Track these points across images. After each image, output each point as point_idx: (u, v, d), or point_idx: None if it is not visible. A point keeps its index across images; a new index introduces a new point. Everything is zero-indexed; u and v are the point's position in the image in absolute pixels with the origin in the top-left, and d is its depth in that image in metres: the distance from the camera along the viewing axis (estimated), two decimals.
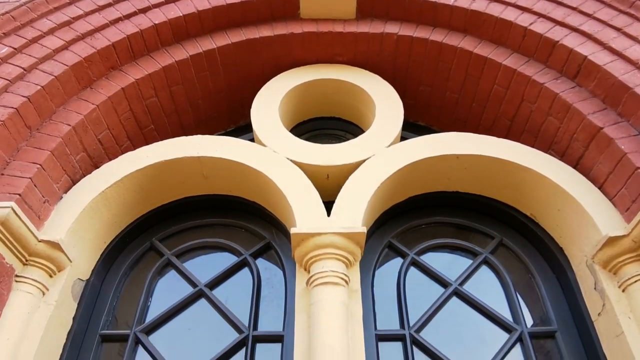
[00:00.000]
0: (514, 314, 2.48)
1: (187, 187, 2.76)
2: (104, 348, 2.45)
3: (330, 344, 1.95)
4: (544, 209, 2.57)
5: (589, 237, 2.31)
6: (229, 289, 2.65)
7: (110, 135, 2.74)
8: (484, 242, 2.77)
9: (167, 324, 2.52)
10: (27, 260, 2.22)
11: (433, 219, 2.85)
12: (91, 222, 2.47)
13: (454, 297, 2.56)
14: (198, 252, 2.84)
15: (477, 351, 2.40)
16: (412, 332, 2.37)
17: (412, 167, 2.55)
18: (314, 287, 2.17)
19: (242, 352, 2.35)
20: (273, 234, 2.78)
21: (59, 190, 2.45)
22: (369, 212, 2.45)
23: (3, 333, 2.01)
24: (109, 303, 2.54)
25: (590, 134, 2.43)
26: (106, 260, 2.63)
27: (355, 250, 2.30)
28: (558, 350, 2.35)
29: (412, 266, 2.70)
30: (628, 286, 2.14)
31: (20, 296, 2.13)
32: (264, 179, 2.53)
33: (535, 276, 2.60)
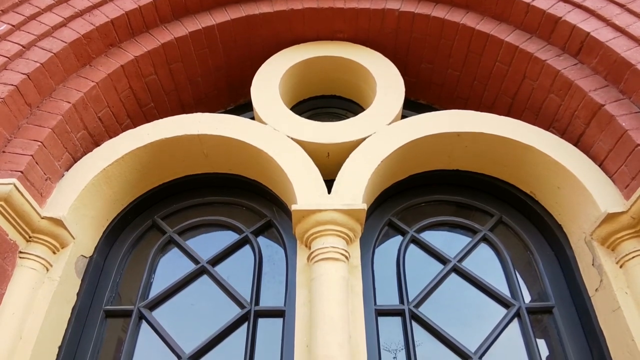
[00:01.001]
0: (512, 290, 2.51)
1: (188, 165, 2.77)
2: (108, 323, 2.49)
3: (330, 317, 1.98)
4: (544, 187, 2.58)
5: (588, 214, 2.33)
6: (231, 266, 2.68)
7: (111, 113, 2.73)
8: (484, 220, 2.79)
9: (170, 299, 2.56)
10: (30, 237, 2.24)
11: (433, 197, 2.86)
12: (93, 200, 2.48)
13: (453, 274, 2.59)
14: (200, 230, 2.86)
15: (476, 326, 2.44)
16: (411, 307, 2.41)
17: (413, 145, 2.55)
18: (314, 263, 2.19)
19: (245, 327, 2.39)
20: (274, 212, 2.79)
21: (61, 168, 2.46)
22: (369, 189, 2.46)
23: (8, 308, 2.04)
24: (112, 280, 2.57)
25: (592, 111, 2.42)
26: (109, 238, 2.65)
27: (355, 227, 2.31)
28: (555, 325, 2.38)
29: (412, 243, 2.73)
30: (626, 262, 2.17)
31: (24, 272, 2.15)
32: (264, 156, 2.53)
33: (534, 253, 2.62)
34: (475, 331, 2.41)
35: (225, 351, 2.35)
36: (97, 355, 2.37)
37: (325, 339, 1.92)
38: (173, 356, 2.30)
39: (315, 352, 1.92)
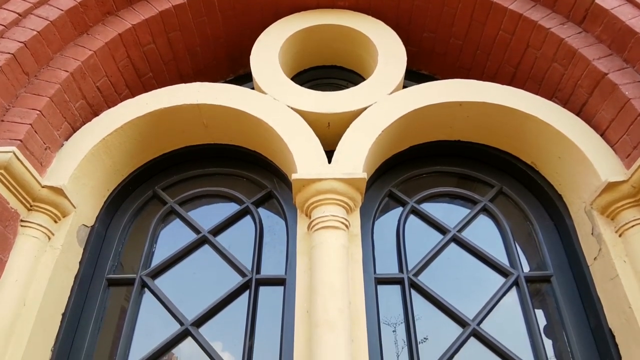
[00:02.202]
0: (511, 260, 2.53)
1: (188, 135, 2.76)
2: (111, 292, 2.51)
3: (330, 283, 2.00)
4: (545, 157, 2.57)
5: (588, 184, 2.33)
6: (232, 236, 2.69)
7: (109, 82, 2.71)
8: (484, 191, 2.79)
9: (172, 268, 2.58)
10: (31, 206, 2.25)
11: (434, 169, 2.86)
12: (93, 170, 2.48)
13: (452, 244, 2.61)
14: (200, 201, 2.87)
15: (474, 295, 2.46)
16: (410, 275, 2.43)
17: (415, 115, 2.53)
18: (315, 231, 2.20)
19: (246, 295, 2.42)
20: (274, 183, 2.79)
21: (60, 138, 2.45)
22: (369, 159, 2.45)
23: (11, 275, 2.06)
24: (114, 249, 2.59)
25: (595, 80, 2.40)
26: (110, 208, 2.66)
27: (355, 196, 2.31)
28: (553, 294, 2.41)
29: (412, 214, 2.74)
30: (625, 231, 2.18)
31: (26, 240, 2.17)
32: (264, 126, 2.51)
33: (534, 223, 2.63)
34: (473, 300, 2.43)
35: (227, 318, 2.38)
36: (100, 322, 2.40)
37: (325, 304, 1.95)
38: (176, 323, 2.33)
39: (315, 318, 1.94)
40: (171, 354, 2.47)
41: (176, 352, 2.38)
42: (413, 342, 2.22)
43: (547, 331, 2.40)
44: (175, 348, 2.36)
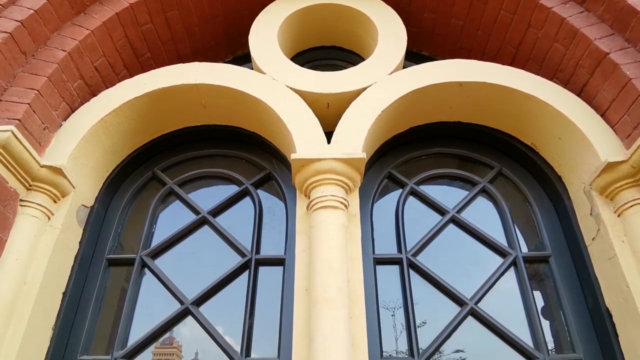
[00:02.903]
0: (509, 241, 2.54)
1: (186, 116, 2.74)
2: (111, 272, 2.53)
3: (329, 262, 2.00)
4: (545, 138, 2.56)
5: (588, 164, 2.33)
6: (231, 217, 2.70)
7: (107, 62, 2.69)
8: (484, 173, 2.79)
9: (171, 249, 2.59)
10: (30, 185, 2.24)
11: (433, 150, 2.85)
12: (92, 150, 2.48)
13: (451, 224, 2.62)
14: (200, 182, 2.87)
15: (473, 275, 2.47)
16: (409, 256, 2.44)
17: (415, 95, 2.52)
18: (314, 211, 2.20)
19: (246, 275, 2.43)
20: (273, 164, 2.78)
21: (58, 118, 2.44)
22: (369, 140, 2.44)
23: (11, 254, 2.07)
24: (114, 230, 2.60)
25: (596, 59, 2.38)
26: (109, 189, 2.66)
27: (354, 177, 2.31)
28: (551, 274, 2.42)
29: (411, 195, 2.74)
30: (624, 211, 2.18)
31: (26, 220, 2.17)
32: (263, 106, 2.50)
33: (533, 204, 2.64)
34: (472, 280, 2.44)
35: (227, 297, 2.40)
36: (101, 302, 2.42)
37: (324, 282, 1.96)
38: (176, 302, 2.35)
39: (314, 295, 1.95)
40: (172, 338, 2.49)
41: (177, 336, 2.41)
42: (411, 322, 2.24)
43: (545, 312, 2.42)
44: (175, 331, 2.39)
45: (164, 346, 15.05)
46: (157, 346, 2.44)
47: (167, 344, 16.36)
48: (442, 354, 2.24)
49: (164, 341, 10.69)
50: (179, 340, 8.78)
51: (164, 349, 16.24)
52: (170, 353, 18.92)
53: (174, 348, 18.73)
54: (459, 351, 2.27)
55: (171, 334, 4.01)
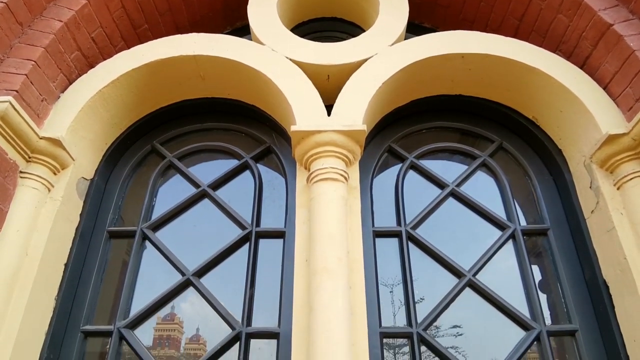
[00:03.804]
0: (508, 214, 2.55)
1: (185, 88, 2.71)
2: (112, 244, 2.54)
3: (329, 233, 2.01)
4: (547, 111, 2.55)
5: (589, 137, 2.32)
6: (231, 191, 2.70)
7: (104, 34, 2.65)
8: (485, 147, 2.78)
9: (172, 222, 2.61)
10: (30, 157, 2.24)
11: (434, 124, 2.83)
12: (90, 122, 2.46)
13: (451, 198, 2.62)
14: (199, 156, 2.86)
15: (471, 248, 2.49)
16: (408, 229, 2.45)
17: (416, 67, 2.49)
18: (314, 184, 2.20)
19: (246, 247, 2.44)
20: (273, 138, 2.77)
21: (56, 90, 2.42)
22: (370, 112, 2.43)
23: (12, 225, 2.08)
24: (114, 202, 2.61)
25: (600, 31, 2.35)
26: (109, 161, 2.66)
27: (355, 149, 2.30)
28: (549, 247, 2.44)
29: (411, 169, 2.73)
30: (623, 184, 2.18)
31: (26, 191, 2.18)
32: (262, 78, 2.47)
33: (532, 178, 2.64)
34: (470, 253, 2.46)
35: (228, 269, 2.42)
36: (102, 274, 2.44)
37: (324, 253, 1.97)
38: (177, 273, 2.37)
39: (314, 266, 1.97)
40: (173, 314, 2.53)
41: (178, 312, 2.44)
42: (409, 293, 2.27)
43: (542, 285, 2.45)
44: (177, 307, 2.41)
45: (165, 322, 15.37)
46: (159, 322, 2.48)
47: (169, 320, 16.73)
48: (440, 324, 2.27)
49: (165, 317, 10.84)
50: (180, 317, 8.93)
51: (165, 325, 16.60)
52: (172, 329, 19.32)
53: (175, 324, 19.14)
54: (456, 322, 2.30)
55: (172, 311, 4.07)
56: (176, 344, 3.80)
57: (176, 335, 3.18)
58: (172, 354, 2.87)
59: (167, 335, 5.32)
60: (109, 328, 2.25)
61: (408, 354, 2.18)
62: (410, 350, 2.15)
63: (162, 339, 3.03)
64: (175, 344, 3.79)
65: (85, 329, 2.25)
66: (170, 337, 5.50)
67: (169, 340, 4.74)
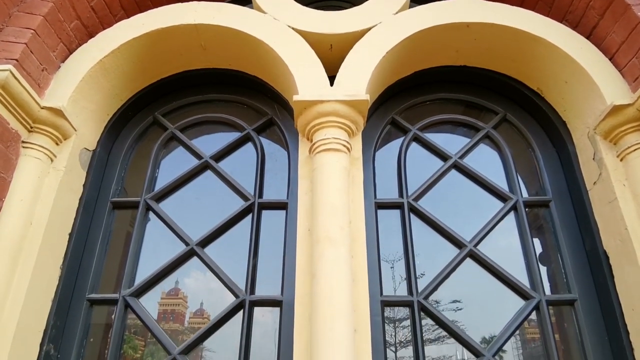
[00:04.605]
0: (511, 186, 2.55)
1: (186, 59, 2.69)
2: (116, 215, 2.56)
3: (331, 203, 2.02)
4: (552, 82, 2.52)
5: (593, 108, 2.30)
6: (233, 163, 2.70)
7: (103, 2, 2.60)
8: (488, 119, 2.76)
9: (175, 193, 2.62)
10: (31, 127, 2.23)
11: (437, 96, 2.81)
12: (91, 92, 2.45)
13: (453, 170, 2.62)
14: (201, 128, 2.85)
15: (473, 219, 2.50)
16: (410, 200, 2.46)
17: (420, 36, 2.45)
18: (316, 154, 2.19)
19: (249, 218, 2.46)
20: (275, 109, 2.76)
21: (56, 59, 2.40)
22: (373, 82, 2.40)
23: (16, 194, 2.09)
24: (117, 174, 2.61)
25: (607, 0, 2.31)
26: (111, 133, 2.65)
27: (357, 119, 2.29)
28: (551, 218, 2.45)
29: (414, 141, 2.72)
30: (627, 155, 2.17)
31: (28, 161, 2.18)
32: (264, 47, 2.44)
33: (536, 150, 2.63)
34: (472, 224, 2.47)
35: (231, 239, 2.44)
36: (107, 245, 2.46)
37: (326, 222, 1.98)
38: (181, 244, 2.39)
39: (316, 235, 1.98)
40: (177, 289, 2.56)
41: (182, 287, 2.47)
42: (411, 264, 2.28)
43: (543, 257, 2.47)
44: (180, 282, 2.44)
45: (169, 296, 15.61)
46: (163, 297, 2.51)
47: (173, 294, 16.99)
48: (441, 293, 2.30)
49: (169, 292, 11.04)
50: (184, 291, 9.12)
51: (169, 300, 16.84)
52: (176, 303, 19.73)
53: (179, 299, 19.50)
54: (457, 291, 2.33)
55: (176, 285, 4.13)
56: (180, 318, 3.86)
57: (180, 310, 3.22)
58: (176, 328, 2.91)
59: (171, 309, 5.34)
60: (114, 296, 2.28)
61: (409, 322, 2.21)
62: (410, 319, 2.18)
63: (167, 313, 3.07)
64: (180, 318, 3.83)
65: (90, 297, 2.28)
66: (174, 311, 5.51)
67: (173, 314, 4.76)
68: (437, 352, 2.28)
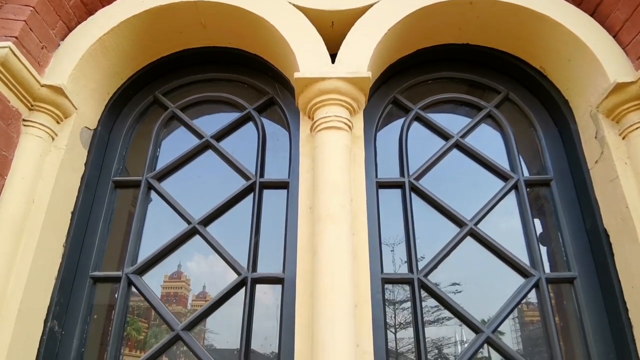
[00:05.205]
0: (512, 165, 2.55)
1: (186, 37, 2.66)
2: (118, 195, 2.57)
3: (333, 181, 2.02)
4: (555, 60, 2.50)
5: (596, 86, 2.29)
6: (234, 142, 2.70)
7: None
8: (491, 98, 2.75)
9: (176, 172, 2.62)
10: (32, 105, 2.23)
11: (440, 74, 2.79)
12: (91, 71, 2.44)
13: (455, 149, 2.62)
14: (201, 107, 2.84)
15: (474, 198, 2.50)
16: (411, 179, 2.46)
17: (423, 13, 2.42)
18: (317, 132, 2.19)
19: (250, 198, 2.46)
20: (276, 89, 2.74)
21: (56, 37, 2.38)
22: (375, 60, 2.38)
23: (18, 172, 2.09)
24: (119, 153, 2.61)
25: None
26: (111, 112, 2.64)
27: (359, 97, 2.28)
28: (552, 197, 2.45)
29: (416, 121, 2.71)
30: (629, 133, 2.17)
31: (30, 139, 2.18)
32: (264, 24, 2.42)
33: (538, 129, 2.62)
34: (473, 203, 2.47)
35: (233, 218, 2.45)
36: (109, 224, 2.47)
37: (328, 200, 1.98)
38: (183, 222, 2.40)
39: (318, 213, 1.99)
40: (180, 272, 2.57)
41: (185, 270, 2.48)
42: (411, 242, 2.30)
43: (543, 237, 2.48)
44: (183, 266, 2.46)
45: (172, 280, 15.68)
46: (166, 280, 2.53)
47: (176, 278, 16.97)
48: (441, 272, 2.31)
49: (172, 275, 11.08)
50: (187, 274, 9.17)
51: (172, 282, 16.81)
52: (178, 286, 19.70)
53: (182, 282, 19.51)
54: (457, 270, 2.34)
55: (179, 269, 4.14)
56: (183, 301, 3.88)
57: (183, 293, 3.24)
58: (179, 310, 2.93)
59: (174, 292, 5.42)
60: (117, 274, 2.30)
61: (409, 304, 2.23)
62: (411, 296, 2.20)
63: (170, 296, 3.10)
64: (183, 300, 3.86)
65: (94, 274, 2.30)
66: (177, 294, 5.57)
67: (176, 297, 4.81)
68: (437, 334, 2.31)
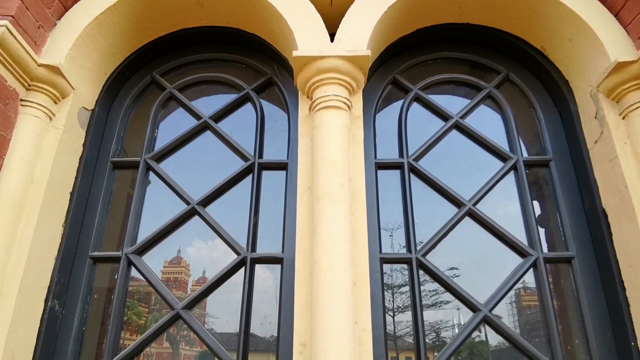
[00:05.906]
0: (511, 146, 2.54)
1: (183, 16, 2.63)
2: (116, 176, 2.56)
3: (332, 160, 2.01)
4: (556, 40, 2.48)
5: (597, 66, 2.27)
6: (233, 123, 2.69)
7: None
8: (491, 78, 2.73)
9: (175, 153, 2.62)
10: (29, 85, 2.21)
11: (440, 54, 2.77)
12: (89, 50, 2.42)
13: (454, 130, 2.61)
14: (199, 88, 2.83)
15: (473, 179, 2.50)
16: (410, 160, 2.45)
17: None
18: (316, 112, 2.18)
19: (249, 179, 2.46)
20: (274, 69, 2.72)
21: (52, 16, 2.36)
22: (374, 39, 2.36)
23: (16, 152, 2.08)
24: (117, 134, 2.60)
25: None
26: (109, 92, 2.63)
27: (358, 76, 2.26)
28: (550, 177, 2.45)
29: (415, 102, 2.70)
30: (629, 113, 2.16)
31: (28, 119, 2.17)
32: (262, 3, 2.39)
33: (537, 110, 2.61)
34: (472, 184, 2.47)
35: (232, 199, 2.45)
36: (108, 204, 2.48)
37: (327, 179, 1.98)
38: (182, 203, 2.40)
39: (316, 192, 1.99)
40: (180, 258, 2.58)
41: (184, 256, 2.49)
42: (410, 222, 2.30)
43: (542, 219, 2.48)
44: (183, 252, 2.46)
45: (172, 265, 15.86)
46: (166, 265, 2.54)
47: (175, 263, 17.21)
48: (439, 251, 2.32)
49: (172, 260, 11.21)
50: (187, 260, 9.29)
51: (172, 268, 17.10)
52: (178, 272, 20.05)
53: (182, 267, 19.82)
54: (455, 249, 2.35)
55: (179, 254, 4.20)
56: (183, 286, 3.91)
57: (183, 278, 3.26)
58: (179, 295, 2.96)
59: (174, 277, 5.43)
60: (117, 254, 2.31)
61: (407, 288, 2.24)
62: (409, 275, 2.21)
63: (170, 281, 3.12)
64: (183, 286, 3.89)
65: (93, 254, 2.31)
66: (177, 279, 5.60)
67: (176, 282, 4.84)
68: (435, 317, 2.32)
